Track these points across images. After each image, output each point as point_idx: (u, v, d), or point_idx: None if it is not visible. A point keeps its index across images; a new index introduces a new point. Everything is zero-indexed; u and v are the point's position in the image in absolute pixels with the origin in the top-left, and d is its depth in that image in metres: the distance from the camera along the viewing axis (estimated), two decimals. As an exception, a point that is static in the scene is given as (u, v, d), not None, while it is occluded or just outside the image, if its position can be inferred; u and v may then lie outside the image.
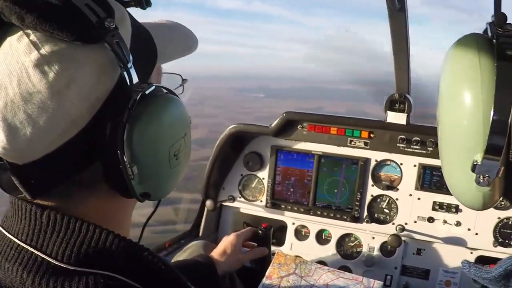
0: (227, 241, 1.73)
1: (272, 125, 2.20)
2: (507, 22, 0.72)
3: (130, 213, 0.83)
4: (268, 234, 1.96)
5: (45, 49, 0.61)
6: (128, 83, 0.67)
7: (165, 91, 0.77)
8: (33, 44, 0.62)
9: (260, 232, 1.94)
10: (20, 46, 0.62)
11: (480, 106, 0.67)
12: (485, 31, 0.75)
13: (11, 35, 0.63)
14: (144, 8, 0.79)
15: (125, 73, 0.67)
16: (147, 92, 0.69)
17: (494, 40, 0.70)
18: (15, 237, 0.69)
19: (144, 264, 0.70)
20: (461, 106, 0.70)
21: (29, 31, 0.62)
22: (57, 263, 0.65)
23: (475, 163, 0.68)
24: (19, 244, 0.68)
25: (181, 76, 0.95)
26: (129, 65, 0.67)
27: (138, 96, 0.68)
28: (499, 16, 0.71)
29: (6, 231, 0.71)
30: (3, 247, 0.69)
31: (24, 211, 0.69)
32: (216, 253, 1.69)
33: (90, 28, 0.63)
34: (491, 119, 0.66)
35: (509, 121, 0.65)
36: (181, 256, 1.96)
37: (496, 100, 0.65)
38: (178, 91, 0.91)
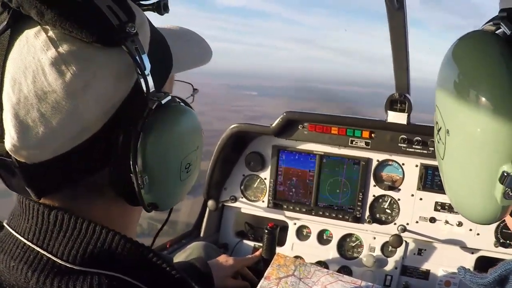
0: (225, 262, 1.73)
1: (273, 125, 2.19)
2: None
3: (137, 218, 0.83)
4: (274, 234, 1.97)
5: (63, 48, 0.60)
6: (145, 91, 0.66)
7: (179, 101, 0.76)
8: (51, 41, 0.60)
9: (266, 231, 1.96)
10: (38, 42, 0.60)
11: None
12: (490, 27, 0.67)
13: (28, 29, 0.61)
14: (161, 14, 0.79)
15: (142, 80, 0.66)
16: (163, 102, 0.69)
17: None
18: (21, 236, 0.68)
19: (149, 266, 0.69)
20: (485, 113, 0.62)
21: (47, 27, 0.60)
22: (62, 263, 0.65)
23: (505, 175, 0.62)
24: (25, 243, 0.67)
25: (192, 86, 0.93)
26: (147, 72, 0.66)
27: (154, 106, 0.67)
28: None
29: (13, 229, 0.70)
30: (9, 245, 0.68)
31: (32, 210, 0.68)
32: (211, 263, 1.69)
33: (110, 31, 0.62)
34: None
35: None
36: (181, 256, 1.96)
37: None
38: (189, 101, 0.90)
